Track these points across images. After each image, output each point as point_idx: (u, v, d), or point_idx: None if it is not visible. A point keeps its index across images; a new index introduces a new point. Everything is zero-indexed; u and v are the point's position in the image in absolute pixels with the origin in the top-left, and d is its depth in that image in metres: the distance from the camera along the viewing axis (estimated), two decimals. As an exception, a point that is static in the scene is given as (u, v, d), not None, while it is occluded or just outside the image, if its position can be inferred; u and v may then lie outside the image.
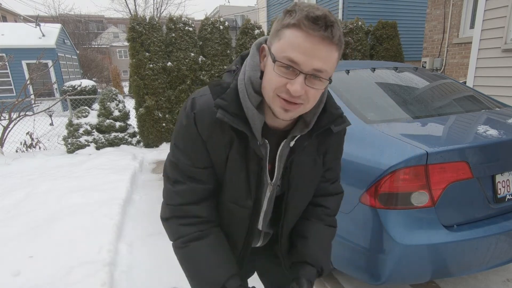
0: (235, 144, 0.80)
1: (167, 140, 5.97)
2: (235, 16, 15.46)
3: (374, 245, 1.59)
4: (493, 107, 2.19)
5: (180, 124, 0.81)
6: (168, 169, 0.87)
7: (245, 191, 0.84)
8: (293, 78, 0.68)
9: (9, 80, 12.60)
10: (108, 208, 3.04)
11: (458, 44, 5.91)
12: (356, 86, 2.24)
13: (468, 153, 1.55)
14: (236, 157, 0.81)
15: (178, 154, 0.84)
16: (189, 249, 0.85)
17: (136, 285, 2.18)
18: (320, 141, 0.88)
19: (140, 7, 31.80)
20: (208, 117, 0.78)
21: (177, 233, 0.87)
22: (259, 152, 0.80)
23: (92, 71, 19.46)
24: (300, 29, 0.66)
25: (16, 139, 5.78)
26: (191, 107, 0.79)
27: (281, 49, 0.68)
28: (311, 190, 0.95)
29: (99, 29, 34.97)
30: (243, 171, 0.82)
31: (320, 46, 0.66)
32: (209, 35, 5.78)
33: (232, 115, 0.75)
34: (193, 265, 0.87)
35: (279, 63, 0.68)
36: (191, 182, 0.83)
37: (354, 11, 8.21)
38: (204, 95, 0.80)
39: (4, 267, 2.18)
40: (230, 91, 0.77)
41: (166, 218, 0.89)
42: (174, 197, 0.85)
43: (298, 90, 0.68)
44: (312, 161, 0.89)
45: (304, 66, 0.67)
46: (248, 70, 0.77)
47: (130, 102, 7.07)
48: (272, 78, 0.71)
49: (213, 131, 0.79)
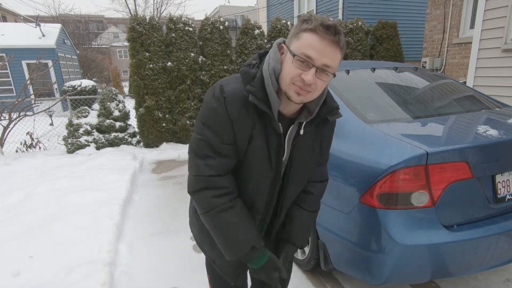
0: (258, 124, 0.97)
1: (167, 140, 5.97)
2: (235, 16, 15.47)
3: (374, 245, 1.59)
4: (493, 107, 2.19)
5: (209, 107, 0.96)
6: (196, 147, 1.00)
7: (268, 163, 1.01)
8: (307, 70, 0.89)
9: (9, 80, 12.59)
10: (108, 208, 3.04)
11: (458, 44, 5.91)
12: (356, 86, 2.24)
13: (468, 153, 1.55)
14: (259, 134, 0.98)
15: (207, 133, 0.97)
16: (222, 219, 1.00)
17: (136, 285, 2.18)
18: (317, 130, 1.08)
19: (140, 7, 31.81)
20: (236, 100, 0.95)
21: (210, 205, 1.00)
22: (278, 129, 0.98)
23: (92, 71, 19.44)
24: (315, 33, 0.87)
25: (16, 139, 5.78)
26: (220, 92, 0.95)
27: (299, 47, 0.89)
28: (308, 171, 1.14)
29: (99, 29, 34.98)
30: (265, 146, 0.99)
31: (329, 47, 0.87)
32: (209, 35, 5.78)
33: (259, 99, 0.93)
34: (226, 231, 1.02)
35: (297, 57, 0.88)
36: (219, 156, 0.98)
37: (354, 11, 8.21)
38: (232, 83, 0.98)
39: (4, 267, 2.18)
40: (257, 79, 0.95)
41: (196, 190, 1.01)
42: (205, 170, 0.98)
43: (310, 79, 0.88)
44: (311, 146, 1.09)
45: (316, 61, 0.87)
46: (271, 62, 0.96)
47: (130, 102, 7.07)
48: (290, 69, 0.91)
49: (240, 113, 0.95)
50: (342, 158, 1.79)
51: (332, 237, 1.84)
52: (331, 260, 1.90)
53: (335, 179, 1.79)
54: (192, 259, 2.45)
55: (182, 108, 5.83)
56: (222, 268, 1.17)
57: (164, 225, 3.04)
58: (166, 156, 5.36)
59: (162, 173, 4.63)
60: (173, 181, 4.30)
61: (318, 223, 1.95)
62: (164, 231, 2.92)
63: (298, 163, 1.07)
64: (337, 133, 1.90)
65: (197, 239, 1.25)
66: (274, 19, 6.36)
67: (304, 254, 2.21)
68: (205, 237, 1.16)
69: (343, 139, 1.84)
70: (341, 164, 1.78)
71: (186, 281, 2.21)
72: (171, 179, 4.36)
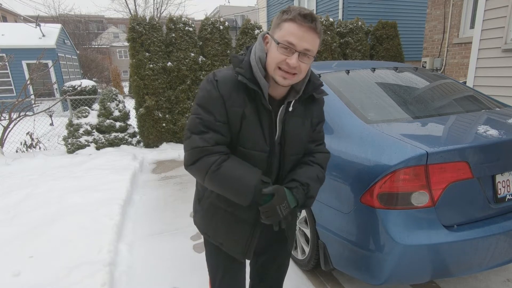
0: (249, 104, 1.08)
1: (167, 140, 5.97)
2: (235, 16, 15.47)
3: (374, 245, 1.59)
4: (493, 107, 2.19)
5: (204, 90, 1.08)
6: (192, 125, 1.09)
7: (262, 138, 1.11)
8: (290, 55, 1.01)
9: (9, 80, 12.58)
10: (108, 208, 3.04)
11: (458, 44, 5.91)
12: (356, 86, 2.24)
13: (468, 153, 1.55)
14: (251, 113, 1.08)
15: (202, 113, 1.07)
16: (224, 167, 1.06)
17: (136, 285, 2.18)
18: (306, 108, 1.19)
19: (140, 7, 31.75)
20: (227, 82, 1.07)
21: (208, 163, 1.06)
22: (267, 106, 1.08)
23: (92, 71, 19.44)
24: (295, 22, 0.99)
25: (16, 139, 5.78)
26: (213, 76, 1.09)
27: (282, 36, 1.01)
28: (302, 145, 1.23)
29: (99, 29, 34.96)
30: (257, 123, 1.09)
31: (308, 33, 1.00)
32: (209, 35, 5.78)
33: (247, 79, 1.05)
34: (233, 176, 1.07)
35: (281, 44, 1.01)
36: (213, 132, 1.07)
37: (354, 11, 8.21)
38: (223, 70, 1.11)
39: (4, 267, 2.18)
40: (245, 63, 1.08)
41: (193, 161, 1.09)
42: (200, 142, 1.06)
43: (294, 63, 1.00)
44: (301, 123, 1.19)
45: (298, 47, 1.00)
46: (257, 51, 1.08)
47: (130, 102, 7.08)
48: (275, 55, 1.03)
49: (231, 93, 1.07)
50: (342, 158, 1.79)
51: (332, 237, 1.84)
52: (331, 260, 1.90)
53: (335, 179, 1.79)
54: (192, 259, 2.45)
55: (182, 108, 5.83)
56: (231, 248, 1.23)
57: (164, 225, 3.04)
58: (166, 156, 5.36)
59: (162, 173, 4.63)
60: (173, 181, 4.30)
61: (318, 223, 1.95)
62: (164, 231, 2.92)
63: (291, 138, 1.16)
64: (337, 133, 1.91)
65: (200, 227, 1.30)
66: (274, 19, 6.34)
67: (304, 254, 2.21)
68: (209, 222, 1.24)
69: (343, 139, 1.84)
70: (341, 164, 1.78)
71: (186, 281, 2.21)
72: (171, 179, 4.36)
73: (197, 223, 1.32)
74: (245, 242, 1.21)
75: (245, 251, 1.22)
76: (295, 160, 1.22)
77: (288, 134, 1.15)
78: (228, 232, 1.21)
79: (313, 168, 1.23)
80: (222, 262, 1.31)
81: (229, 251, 1.24)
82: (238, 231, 1.20)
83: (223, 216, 1.20)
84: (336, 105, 1.99)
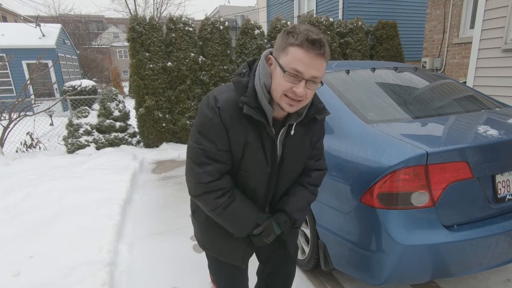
0: (251, 132, 1.05)
1: (167, 140, 5.97)
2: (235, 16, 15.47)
3: (374, 245, 1.59)
4: (493, 107, 2.19)
5: (204, 116, 1.03)
6: (193, 155, 1.08)
7: (265, 162, 1.11)
8: (297, 83, 0.96)
9: (9, 80, 12.58)
10: (108, 208, 3.04)
11: (458, 44, 5.91)
12: (356, 86, 2.24)
13: (468, 153, 1.55)
14: (255, 140, 1.06)
15: (203, 141, 1.05)
16: (228, 211, 1.11)
17: (136, 285, 2.18)
18: (307, 128, 1.17)
19: (140, 7, 31.78)
20: (230, 110, 1.02)
21: (214, 205, 1.09)
22: (272, 134, 1.08)
23: (92, 71, 19.43)
24: (302, 48, 0.93)
25: (16, 139, 5.78)
26: (215, 102, 1.03)
27: (288, 62, 0.95)
28: (301, 163, 1.23)
29: (99, 29, 34.95)
30: (260, 149, 1.08)
31: (316, 60, 0.95)
32: (209, 35, 5.78)
33: (253, 109, 1.01)
34: (234, 220, 1.14)
35: (288, 73, 0.95)
36: (215, 162, 1.06)
37: (354, 11, 8.21)
38: (225, 92, 1.05)
39: (4, 267, 2.18)
40: (249, 90, 1.02)
41: (198, 194, 1.10)
42: (203, 177, 1.06)
43: (302, 91, 0.96)
44: (301, 144, 1.17)
45: (305, 74, 0.95)
46: (262, 77, 1.03)
47: (130, 102, 7.08)
48: (281, 83, 0.98)
49: (233, 121, 1.03)
50: (342, 158, 1.79)
51: (332, 237, 1.84)
52: (331, 260, 1.90)
53: (335, 179, 1.79)
54: (192, 259, 2.45)
55: (182, 108, 5.83)
56: (230, 256, 1.27)
57: (164, 225, 3.04)
58: (166, 156, 5.36)
59: (162, 173, 4.63)
60: (173, 181, 4.30)
61: (318, 223, 1.95)
62: (164, 231, 2.92)
63: (290, 158, 1.17)
64: (337, 133, 1.90)
65: (197, 237, 1.33)
66: (274, 19, 6.35)
67: (304, 254, 2.21)
68: (205, 233, 1.27)
69: (343, 139, 1.84)
70: (341, 164, 1.78)
71: (186, 281, 2.21)
72: (171, 179, 4.36)
73: (195, 234, 1.35)
74: (243, 252, 1.26)
75: (243, 258, 1.27)
76: (293, 177, 1.25)
77: (287, 155, 1.15)
78: (225, 244, 1.24)
79: (306, 195, 1.26)
80: (224, 269, 1.33)
81: (228, 260, 1.28)
82: (235, 242, 1.23)
83: (219, 227, 1.19)
84: (336, 105, 1.98)
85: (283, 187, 1.24)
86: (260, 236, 1.18)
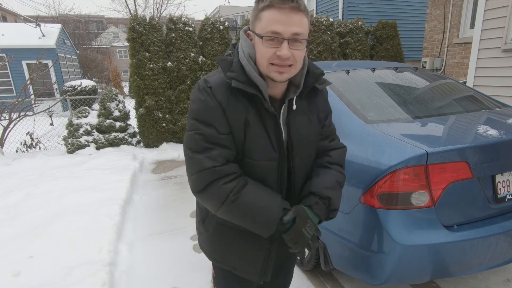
0: (250, 109, 0.95)
1: (167, 140, 5.97)
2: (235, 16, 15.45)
3: (374, 245, 1.59)
4: (493, 107, 2.19)
5: (197, 100, 0.94)
6: (192, 143, 0.95)
7: (270, 145, 0.98)
8: (279, 46, 0.87)
9: (9, 80, 12.58)
10: (108, 208, 3.04)
11: (458, 44, 5.91)
12: (356, 86, 2.24)
13: (468, 153, 1.55)
14: (255, 119, 0.95)
15: (201, 127, 0.93)
16: (243, 197, 0.93)
17: (136, 285, 2.18)
18: (309, 102, 1.06)
19: (140, 7, 31.77)
20: (223, 88, 0.93)
21: (224, 192, 0.92)
22: (271, 109, 0.96)
23: (92, 71, 19.43)
24: (273, 7, 0.85)
25: (16, 139, 5.78)
26: (205, 83, 0.94)
27: (264, 27, 0.87)
28: (312, 145, 1.09)
29: (99, 29, 34.95)
30: (263, 129, 0.96)
31: (292, 15, 0.85)
32: (209, 35, 5.78)
33: (243, 83, 0.91)
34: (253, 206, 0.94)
35: (266, 37, 0.87)
36: (218, 147, 0.93)
37: (354, 11, 8.21)
38: (214, 75, 0.97)
39: (4, 267, 2.18)
40: (235, 64, 0.94)
41: (205, 186, 0.93)
42: (207, 162, 0.92)
43: (286, 53, 0.86)
44: (307, 120, 1.05)
45: (285, 34, 0.86)
46: (245, 49, 0.95)
47: (130, 102, 7.08)
48: (263, 51, 0.89)
49: (229, 99, 0.93)
50: (342, 158, 1.78)
51: (332, 237, 1.84)
52: (331, 260, 1.90)
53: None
54: (192, 259, 2.45)
55: (182, 108, 5.83)
56: (246, 271, 1.09)
57: (164, 225, 3.04)
58: (166, 156, 5.36)
59: (162, 173, 4.63)
60: (173, 181, 4.30)
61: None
62: (164, 231, 2.92)
63: (299, 139, 1.03)
64: (337, 133, 1.90)
65: (206, 251, 1.16)
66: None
67: (304, 254, 2.21)
68: (217, 245, 1.10)
69: (343, 139, 1.82)
70: (341, 164, 1.78)
71: (186, 281, 2.21)
72: (171, 179, 4.36)
73: (202, 246, 1.17)
74: (262, 262, 1.07)
75: (263, 272, 1.09)
76: (307, 164, 1.09)
77: (295, 136, 1.02)
78: (242, 253, 1.07)
79: (332, 173, 1.09)
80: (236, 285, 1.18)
81: (244, 275, 1.10)
82: (253, 250, 1.06)
83: (234, 236, 1.05)
84: (336, 105, 1.98)
85: (300, 177, 1.07)
86: (293, 228, 0.95)
